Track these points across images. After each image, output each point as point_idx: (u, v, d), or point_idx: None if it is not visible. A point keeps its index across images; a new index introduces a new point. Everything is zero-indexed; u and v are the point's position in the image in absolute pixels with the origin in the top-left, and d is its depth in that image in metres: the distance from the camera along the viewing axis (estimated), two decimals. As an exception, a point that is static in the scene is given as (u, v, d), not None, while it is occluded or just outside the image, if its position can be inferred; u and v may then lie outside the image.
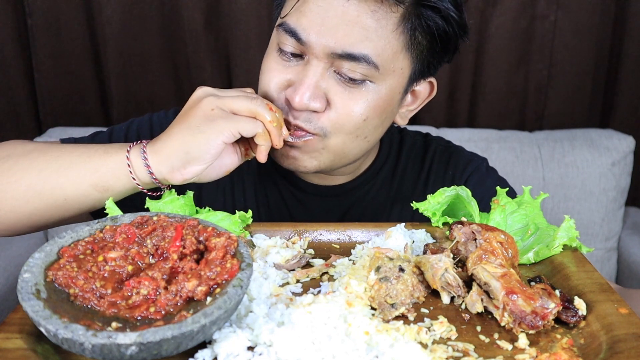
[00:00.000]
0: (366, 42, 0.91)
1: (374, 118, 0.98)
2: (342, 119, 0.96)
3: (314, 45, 0.92)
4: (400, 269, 0.76)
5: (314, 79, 0.93)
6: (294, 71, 0.96)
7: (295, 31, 0.93)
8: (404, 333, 0.67)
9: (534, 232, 0.89)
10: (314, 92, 0.93)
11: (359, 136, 0.99)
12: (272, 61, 1.00)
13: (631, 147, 2.19)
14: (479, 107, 2.37)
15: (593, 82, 2.35)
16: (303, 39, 0.92)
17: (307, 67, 0.94)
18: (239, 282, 0.64)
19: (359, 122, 0.97)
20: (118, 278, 0.66)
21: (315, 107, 0.94)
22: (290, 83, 0.97)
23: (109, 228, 0.72)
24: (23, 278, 0.63)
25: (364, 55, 0.91)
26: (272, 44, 1.01)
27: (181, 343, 0.58)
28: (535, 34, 2.25)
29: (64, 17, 2.17)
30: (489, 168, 1.22)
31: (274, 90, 0.98)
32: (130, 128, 1.16)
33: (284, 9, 0.98)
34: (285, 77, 0.97)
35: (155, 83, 2.29)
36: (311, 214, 1.15)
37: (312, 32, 0.91)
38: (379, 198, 1.18)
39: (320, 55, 0.92)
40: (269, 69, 1.00)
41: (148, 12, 2.19)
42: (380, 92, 0.96)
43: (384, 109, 0.99)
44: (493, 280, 0.72)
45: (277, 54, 0.98)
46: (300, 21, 0.92)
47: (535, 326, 0.68)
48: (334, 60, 0.93)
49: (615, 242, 2.25)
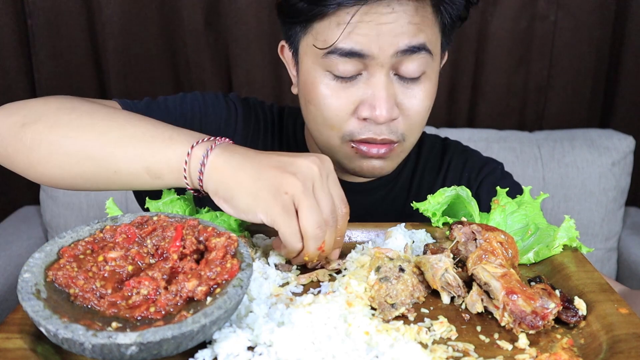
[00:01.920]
0: (420, 33, 0.96)
1: (431, 104, 1.05)
2: (414, 118, 1.02)
3: (377, 53, 0.95)
4: (400, 269, 0.76)
5: (385, 90, 0.97)
6: (357, 90, 0.99)
7: (355, 50, 0.94)
8: (404, 333, 0.67)
9: (534, 232, 0.89)
10: (389, 103, 0.97)
11: (423, 125, 1.07)
12: (328, 88, 0.99)
13: (631, 147, 2.19)
14: (479, 107, 2.37)
15: (593, 82, 2.35)
16: (365, 53, 0.94)
17: (373, 81, 0.97)
18: (239, 282, 0.64)
19: (425, 115, 1.04)
20: (118, 278, 0.66)
21: (395, 116, 0.99)
22: (357, 103, 0.99)
23: (109, 228, 0.72)
24: (23, 278, 0.63)
25: (422, 44, 0.97)
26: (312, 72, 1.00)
27: (181, 343, 0.58)
28: (535, 34, 2.25)
29: (64, 17, 2.17)
30: (505, 172, 1.25)
31: (344, 117, 1.00)
32: (184, 102, 1.15)
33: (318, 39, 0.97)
34: (351, 99, 0.99)
35: (155, 83, 2.29)
36: None
37: (372, 43, 0.94)
38: (400, 199, 1.21)
39: (384, 61, 0.95)
40: (327, 96, 0.99)
41: (148, 12, 2.19)
42: (432, 79, 1.03)
43: (435, 91, 1.06)
44: (493, 280, 0.72)
45: (332, 79, 0.99)
46: (356, 40, 0.94)
47: (535, 326, 0.68)
48: (395, 62, 0.96)
49: (615, 242, 2.25)
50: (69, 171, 0.87)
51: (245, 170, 0.78)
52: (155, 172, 0.84)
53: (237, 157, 0.79)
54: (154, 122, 0.89)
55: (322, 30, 0.97)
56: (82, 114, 0.88)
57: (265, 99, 2.29)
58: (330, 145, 1.05)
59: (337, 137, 1.02)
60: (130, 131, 0.85)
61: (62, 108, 0.90)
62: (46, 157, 0.87)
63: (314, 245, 0.77)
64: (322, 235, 0.76)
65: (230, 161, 0.79)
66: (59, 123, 0.87)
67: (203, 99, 1.18)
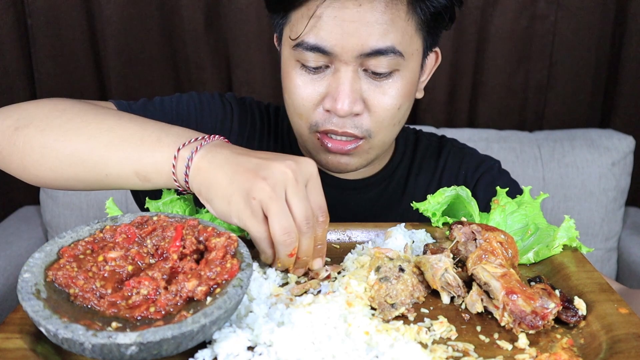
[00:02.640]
0: (388, 35, 0.95)
1: (405, 103, 1.03)
2: (382, 115, 1.01)
3: (340, 53, 0.95)
4: (400, 269, 0.76)
5: (349, 84, 0.97)
6: (324, 83, 0.99)
7: (318, 46, 0.95)
8: (404, 333, 0.67)
9: (534, 232, 0.89)
10: (352, 96, 0.97)
11: (395, 124, 1.05)
12: (297, 79, 1.01)
13: (631, 147, 2.19)
14: (479, 107, 2.37)
15: (593, 82, 2.35)
16: (328, 50, 0.95)
17: (338, 75, 0.97)
18: (239, 282, 0.64)
19: (394, 113, 1.02)
20: (118, 278, 0.67)
21: (357, 111, 0.99)
22: (323, 95, 1.00)
23: (109, 228, 0.72)
24: (23, 278, 0.63)
25: (390, 47, 0.95)
26: (287, 62, 1.02)
27: (181, 343, 0.58)
28: (535, 34, 2.25)
29: (64, 17, 2.17)
30: (502, 170, 1.25)
31: (310, 107, 1.01)
32: (180, 102, 1.15)
33: (292, 30, 0.99)
34: (318, 91, 1.00)
35: (155, 83, 2.28)
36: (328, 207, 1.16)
37: (335, 42, 0.94)
38: (395, 197, 1.21)
39: (349, 60, 0.96)
40: (297, 86, 1.01)
41: (148, 12, 2.19)
42: (406, 78, 1.01)
43: (411, 91, 1.04)
44: (493, 280, 0.72)
45: (301, 70, 1.00)
46: (320, 35, 0.95)
47: (535, 326, 0.68)
48: (362, 61, 0.96)
49: (615, 242, 2.25)
50: (61, 174, 0.88)
51: (224, 172, 0.77)
52: (144, 176, 0.85)
53: (219, 157, 0.78)
54: (143, 122, 0.88)
55: (295, 20, 0.98)
56: (73, 116, 0.89)
57: (265, 99, 2.29)
58: (301, 134, 1.07)
59: (306, 126, 1.04)
60: (120, 134, 0.86)
61: (54, 110, 0.90)
62: (39, 161, 0.88)
63: (284, 251, 0.75)
64: (290, 241, 0.74)
65: (212, 162, 0.78)
66: (51, 126, 0.88)
67: (199, 99, 1.18)
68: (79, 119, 0.89)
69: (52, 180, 0.90)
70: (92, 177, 0.87)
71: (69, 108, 0.91)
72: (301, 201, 0.75)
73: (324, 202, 0.79)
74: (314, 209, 0.77)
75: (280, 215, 0.73)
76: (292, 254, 0.75)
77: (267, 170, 0.75)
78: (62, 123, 0.88)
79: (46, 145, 0.87)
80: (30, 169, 0.90)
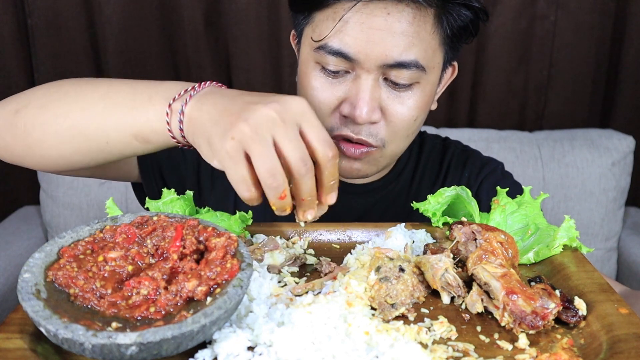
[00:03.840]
0: (412, 48, 0.95)
1: (421, 115, 1.03)
2: (398, 125, 1.01)
3: (364, 61, 0.94)
4: (400, 269, 0.76)
5: (369, 92, 0.96)
6: (343, 88, 0.99)
7: (342, 51, 0.95)
8: (404, 333, 0.67)
9: (534, 232, 0.89)
10: (371, 105, 0.97)
11: (408, 136, 1.05)
12: (316, 80, 1.00)
13: (631, 147, 2.19)
14: (479, 107, 2.37)
15: (593, 82, 2.35)
16: (352, 57, 0.94)
17: (359, 82, 0.97)
18: (239, 282, 0.64)
19: (410, 124, 1.02)
20: (118, 278, 0.66)
21: (375, 119, 0.99)
22: (341, 100, 0.99)
23: (109, 228, 0.72)
24: (23, 278, 0.63)
25: (413, 61, 0.95)
26: (306, 63, 1.01)
27: (181, 343, 0.58)
28: (535, 34, 2.25)
29: (64, 17, 2.17)
30: (505, 172, 1.25)
31: (326, 110, 1.00)
32: None
33: (315, 31, 0.98)
34: (336, 95, 0.99)
35: (155, 83, 2.28)
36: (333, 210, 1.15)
37: (360, 49, 0.94)
38: (400, 200, 1.21)
39: (371, 69, 0.95)
40: (314, 88, 1.00)
41: (148, 12, 2.19)
42: (425, 91, 1.01)
43: (428, 104, 1.04)
44: (493, 280, 0.72)
45: (320, 72, 0.99)
46: (345, 41, 0.94)
47: (535, 326, 0.68)
48: (384, 71, 0.96)
49: (615, 242, 2.25)
50: (65, 149, 0.87)
51: (210, 116, 0.74)
52: (143, 137, 0.83)
53: (208, 104, 0.76)
54: (135, 83, 0.86)
55: (319, 22, 0.97)
56: (67, 90, 0.89)
57: (265, 99, 2.29)
58: None
59: None
60: (114, 99, 0.84)
61: (51, 88, 0.91)
62: (41, 139, 0.88)
63: (272, 194, 0.70)
64: (277, 184, 0.69)
65: (201, 109, 0.76)
66: (48, 103, 0.88)
67: None
68: (73, 91, 0.88)
69: (57, 158, 0.89)
70: (94, 148, 0.86)
71: (65, 84, 0.91)
72: (292, 142, 0.70)
73: (327, 135, 0.73)
74: (316, 147, 0.72)
75: (262, 156, 0.69)
76: (282, 196, 0.70)
77: (249, 112, 0.71)
78: (59, 97, 0.88)
79: (46, 121, 0.87)
80: (34, 149, 0.89)
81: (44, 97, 0.89)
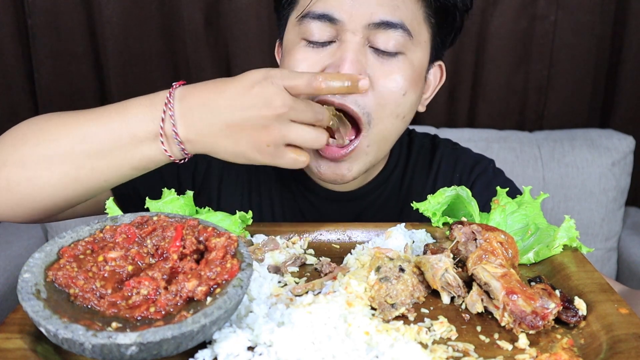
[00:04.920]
0: (398, 10, 0.95)
1: (411, 93, 1.00)
2: (386, 96, 0.97)
3: (349, 21, 0.93)
4: (400, 269, 0.76)
5: (354, 53, 0.94)
6: (328, 55, 0.96)
7: (327, 13, 0.94)
8: (404, 333, 0.67)
9: (534, 232, 0.89)
10: (356, 67, 0.94)
11: (398, 115, 1.00)
12: (300, 53, 0.98)
13: (631, 147, 2.19)
14: (479, 107, 2.37)
15: (593, 82, 2.35)
16: (337, 18, 0.93)
17: (344, 45, 0.95)
18: (239, 282, 0.64)
19: (399, 98, 0.98)
20: (118, 278, 0.66)
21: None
22: (325, 67, 0.96)
23: (109, 228, 0.72)
24: (23, 278, 0.63)
25: (399, 22, 0.94)
26: (292, 42, 1.00)
27: (181, 343, 0.58)
28: (535, 34, 2.25)
29: (64, 17, 2.17)
30: (496, 170, 1.23)
31: None
32: None
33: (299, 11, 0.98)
34: (321, 63, 0.96)
35: (155, 83, 2.28)
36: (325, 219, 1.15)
37: (345, 8, 0.93)
38: (390, 202, 1.20)
39: (357, 29, 0.93)
40: (299, 60, 0.98)
41: (148, 12, 2.19)
42: (413, 63, 0.99)
43: (417, 83, 1.01)
44: (493, 280, 0.71)
45: (305, 46, 0.98)
46: (329, 3, 0.94)
47: (535, 326, 0.67)
48: (369, 33, 0.94)
49: (615, 242, 2.25)
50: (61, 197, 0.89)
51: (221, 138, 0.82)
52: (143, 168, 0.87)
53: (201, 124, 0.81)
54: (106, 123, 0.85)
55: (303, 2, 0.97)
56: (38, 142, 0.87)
57: (265, 99, 2.28)
58: None
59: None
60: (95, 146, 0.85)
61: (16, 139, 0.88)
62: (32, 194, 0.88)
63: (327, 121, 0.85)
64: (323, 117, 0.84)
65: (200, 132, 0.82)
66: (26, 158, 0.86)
67: None
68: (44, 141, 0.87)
69: (53, 206, 0.90)
70: (92, 187, 0.89)
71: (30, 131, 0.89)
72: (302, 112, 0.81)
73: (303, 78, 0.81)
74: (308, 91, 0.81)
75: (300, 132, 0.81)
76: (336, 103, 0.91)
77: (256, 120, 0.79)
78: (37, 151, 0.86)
79: (31, 177, 0.86)
80: (26, 203, 0.89)
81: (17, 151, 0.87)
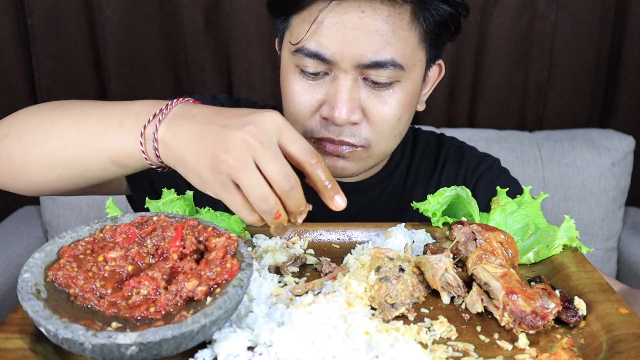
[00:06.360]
0: (388, 47, 0.94)
1: (405, 114, 1.02)
2: (381, 125, 1.00)
3: (340, 61, 0.94)
4: (400, 269, 0.76)
5: (347, 93, 0.96)
6: (322, 90, 0.98)
7: (318, 53, 0.94)
8: (404, 333, 0.67)
9: (534, 232, 0.89)
10: (350, 105, 0.96)
11: (395, 135, 1.04)
12: (296, 84, 1.00)
13: (631, 147, 2.19)
14: (479, 107, 2.37)
15: (593, 82, 2.35)
16: (328, 58, 0.94)
17: (337, 83, 0.96)
18: (239, 282, 0.64)
19: (394, 124, 1.01)
20: (118, 278, 0.66)
21: (355, 120, 0.97)
22: (321, 102, 0.99)
23: (109, 228, 0.72)
24: (23, 278, 0.63)
25: (389, 60, 0.94)
26: (287, 67, 1.01)
27: (181, 343, 0.58)
28: (535, 34, 2.25)
29: (64, 17, 2.17)
30: (502, 169, 1.24)
31: (307, 113, 1.00)
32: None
33: (293, 34, 0.98)
34: (316, 98, 0.99)
35: (155, 83, 2.28)
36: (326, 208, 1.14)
37: (336, 50, 0.93)
38: (394, 197, 1.20)
39: (348, 69, 0.95)
40: (295, 92, 1.00)
41: (148, 12, 2.19)
42: (407, 89, 1.00)
43: (412, 103, 1.03)
44: (493, 280, 0.72)
45: (300, 76, 0.99)
46: (321, 42, 0.94)
47: (535, 326, 0.68)
48: (361, 70, 0.95)
49: (615, 242, 2.25)
50: (46, 177, 0.88)
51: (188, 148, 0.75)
52: (120, 162, 0.83)
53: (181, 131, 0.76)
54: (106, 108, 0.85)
55: (296, 25, 0.97)
56: (42, 118, 0.88)
57: (264, 99, 2.28)
58: None
59: (300, 132, 1.00)
60: (85, 126, 0.84)
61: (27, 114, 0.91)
62: (23, 168, 0.88)
63: (267, 217, 0.73)
64: (269, 207, 0.71)
65: (175, 136, 0.76)
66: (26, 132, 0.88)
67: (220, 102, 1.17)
68: (48, 118, 0.88)
69: (42, 185, 0.90)
70: (74, 174, 0.87)
71: (41, 110, 0.90)
72: (273, 163, 0.71)
73: (306, 144, 0.74)
74: (299, 158, 0.74)
75: (250, 186, 0.71)
76: (277, 216, 0.73)
77: (227, 141, 0.72)
78: (34, 126, 0.88)
79: (26, 151, 0.87)
80: (19, 177, 0.90)
81: (22, 125, 0.89)
